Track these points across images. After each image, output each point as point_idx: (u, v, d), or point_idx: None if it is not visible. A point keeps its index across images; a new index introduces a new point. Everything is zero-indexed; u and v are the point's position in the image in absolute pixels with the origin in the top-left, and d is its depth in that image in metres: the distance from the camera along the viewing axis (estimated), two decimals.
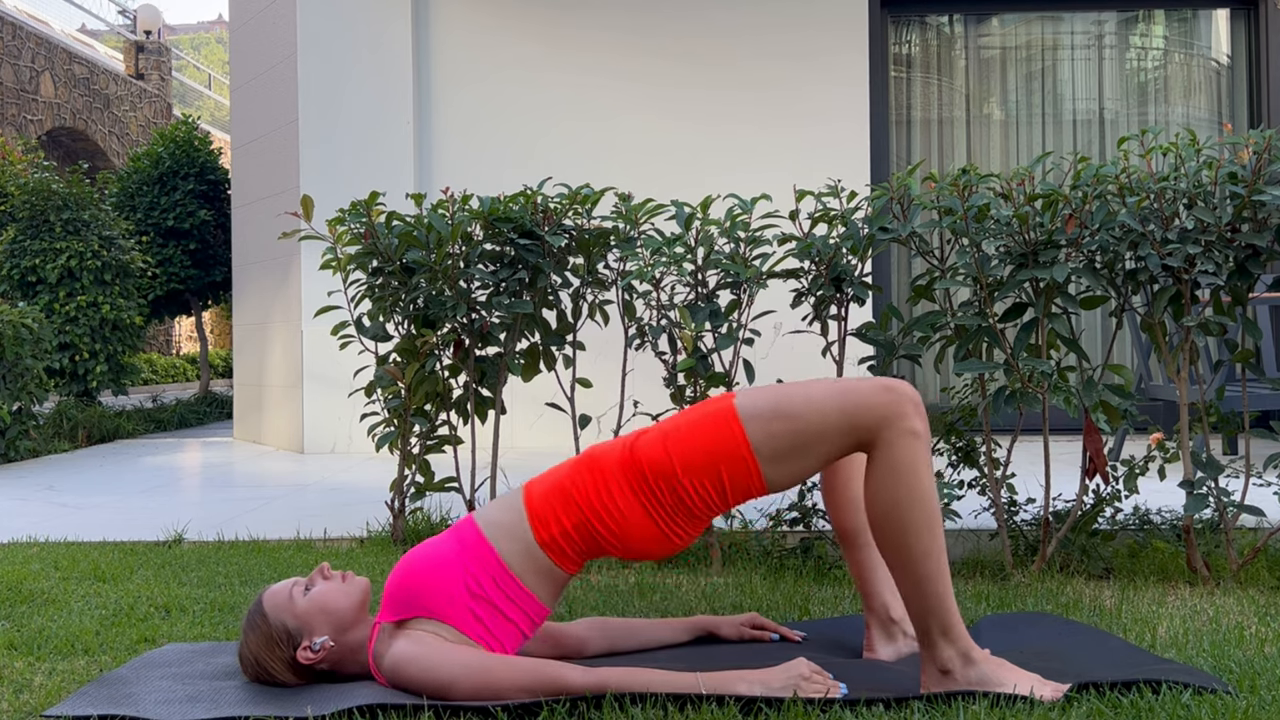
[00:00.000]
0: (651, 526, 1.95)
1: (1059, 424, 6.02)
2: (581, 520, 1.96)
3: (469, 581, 1.95)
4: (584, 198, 3.25)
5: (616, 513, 1.95)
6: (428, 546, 2.01)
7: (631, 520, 1.95)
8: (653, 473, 1.94)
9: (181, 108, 19.89)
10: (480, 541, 1.98)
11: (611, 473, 1.97)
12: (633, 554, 1.98)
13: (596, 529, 1.96)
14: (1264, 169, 2.72)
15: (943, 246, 3.06)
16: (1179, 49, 6.77)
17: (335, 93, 6.41)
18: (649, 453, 1.95)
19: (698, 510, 1.95)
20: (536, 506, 1.99)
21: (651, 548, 1.97)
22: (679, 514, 1.95)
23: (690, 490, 1.93)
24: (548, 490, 2.00)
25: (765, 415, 1.91)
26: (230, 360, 15.79)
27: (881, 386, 1.91)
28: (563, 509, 1.97)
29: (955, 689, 1.87)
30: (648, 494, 1.94)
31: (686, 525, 1.96)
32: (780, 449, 1.90)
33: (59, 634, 2.41)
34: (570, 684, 1.86)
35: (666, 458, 1.93)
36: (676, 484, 1.93)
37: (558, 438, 6.09)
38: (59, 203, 7.93)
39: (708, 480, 1.92)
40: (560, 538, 1.97)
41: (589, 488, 1.97)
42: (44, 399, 6.27)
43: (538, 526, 1.97)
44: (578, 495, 1.97)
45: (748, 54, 6.41)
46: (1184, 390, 2.94)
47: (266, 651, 1.99)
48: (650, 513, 1.94)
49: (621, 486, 1.95)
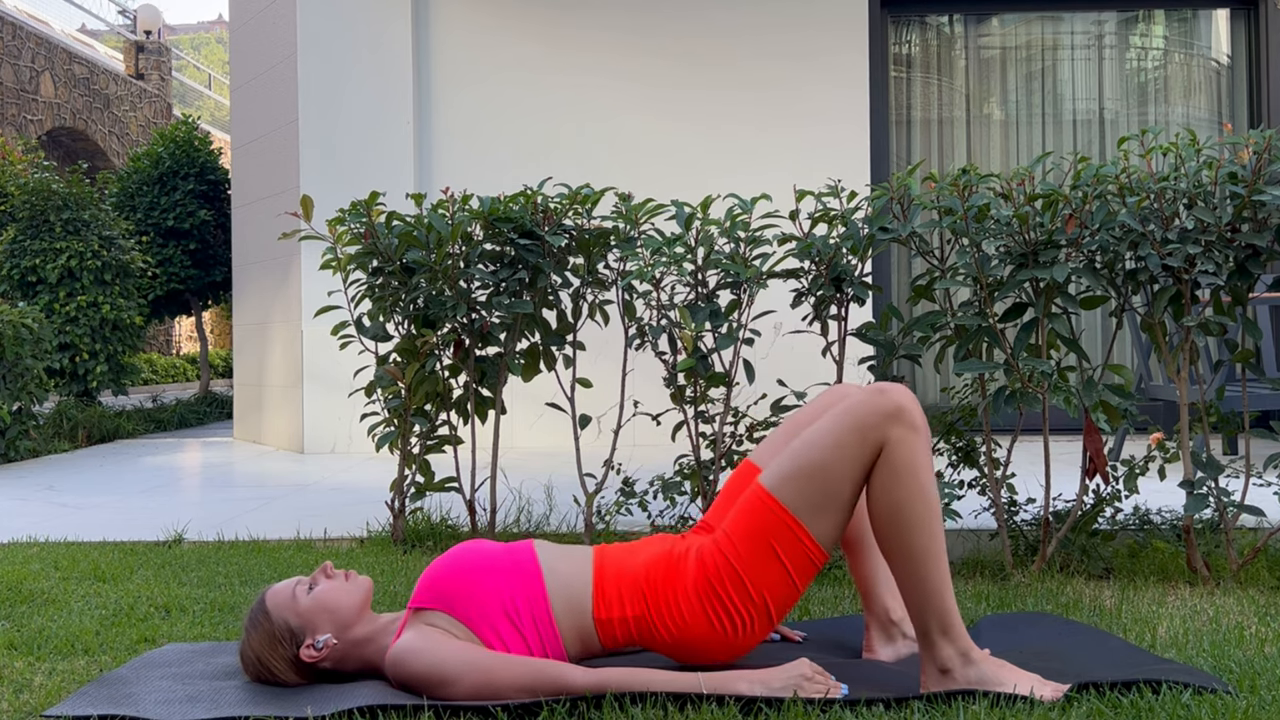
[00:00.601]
0: (710, 633, 1.96)
1: (1059, 424, 6.02)
2: (644, 615, 1.98)
3: (507, 603, 1.97)
4: (584, 198, 3.25)
5: (679, 617, 1.97)
6: (480, 550, 2.03)
7: (692, 625, 1.96)
8: (716, 577, 1.96)
9: (181, 108, 19.89)
10: (535, 577, 2.00)
11: (687, 579, 1.98)
12: (684, 656, 2.00)
13: (657, 628, 1.98)
14: (1264, 169, 2.72)
15: (943, 246, 3.06)
16: (1179, 49, 6.77)
17: (335, 93, 6.41)
18: (711, 559, 1.97)
19: (773, 604, 1.96)
20: (605, 586, 2.00)
21: (708, 651, 1.98)
22: (748, 615, 1.96)
23: (753, 586, 1.94)
24: (619, 574, 2.01)
25: (788, 475, 1.95)
26: (230, 360, 15.79)
27: (873, 391, 1.94)
28: (630, 599, 1.99)
29: (955, 689, 1.87)
30: (714, 600, 1.95)
31: (757, 627, 1.97)
32: (815, 499, 1.93)
33: (59, 634, 2.41)
34: (571, 683, 1.86)
35: (725, 559, 1.96)
36: (741, 583, 1.95)
37: (558, 438, 6.09)
38: (59, 203, 7.93)
39: (767, 566, 1.94)
40: (618, 623, 1.99)
41: (661, 588, 1.98)
42: (44, 399, 6.27)
43: (600, 603, 1.99)
44: (649, 592, 1.99)
45: (748, 54, 6.41)
46: (1184, 390, 2.94)
47: (269, 650, 1.99)
48: (712, 621, 1.96)
49: (689, 595, 1.97)
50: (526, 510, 3.78)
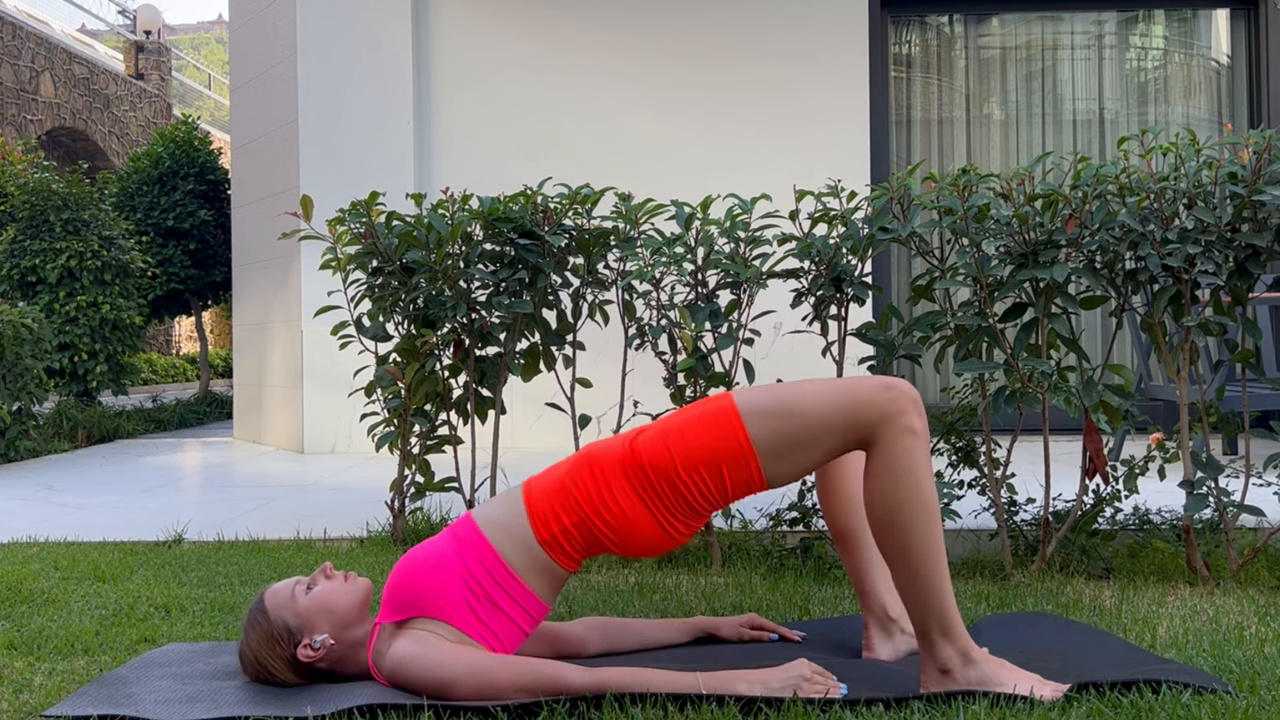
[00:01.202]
0: (651, 523, 1.95)
1: (1059, 424, 6.01)
2: (581, 518, 1.97)
3: (468, 580, 1.95)
4: (584, 198, 3.25)
5: (616, 510, 1.95)
6: (426, 547, 2.01)
7: (631, 517, 1.95)
8: (653, 469, 1.94)
9: (181, 108, 19.89)
10: (479, 540, 1.98)
11: (612, 470, 1.97)
12: (632, 551, 1.98)
13: (596, 526, 1.96)
14: (1264, 169, 2.72)
15: (943, 246, 3.06)
16: (1179, 49, 6.77)
17: (335, 93, 6.41)
18: (649, 450, 1.95)
19: (698, 506, 1.95)
20: (536, 505, 1.99)
21: (651, 544, 1.97)
22: (679, 510, 1.95)
23: (691, 486, 1.93)
24: (547, 489, 2.00)
25: (766, 412, 1.92)
26: (230, 360, 15.79)
27: (881, 385, 1.91)
28: (562, 507, 1.98)
29: (955, 689, 1.87)
30: (648, 491, 1.94)
31: (686, 521, 1.97)
32: (780, 446, 1.91)
33: (59, 634, 2.41)
34: (570, 684, 1.86)
35: (667, 454, 1.94)
36: (677, 480, 1.93)
37: (558, 438, 6.09)
38: (59, 203, 7.93)
39: (709, 476, 1.93)
40: (560, 536, 1.97)
41: (589, 486, 1.97)
42: (44, 399, 6.27)
43: (538, 525, 1.98)
44: (578, 493, 1.97)
45: (748, 54, 6.41)
46: (1184, 390, 2.93)
47: (267, 650, 1.99)
48: (650, 509, 1.95)
49: (621, 484, 1.96)
50: None
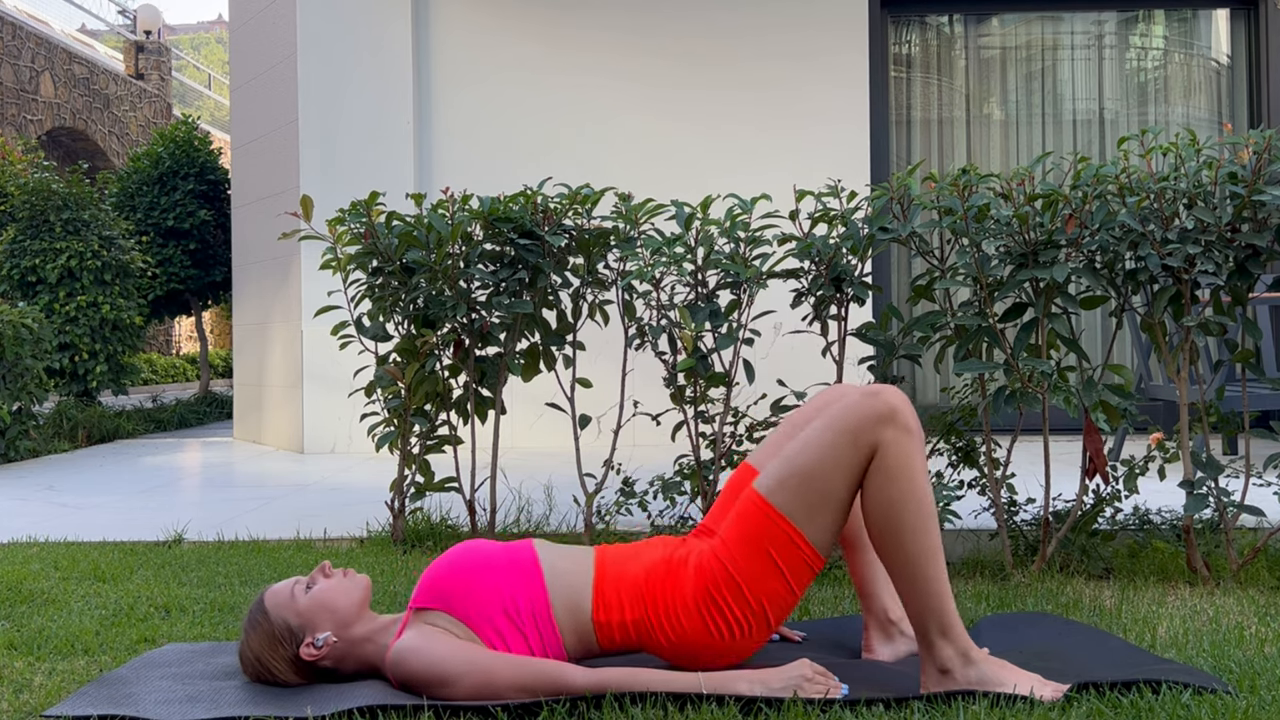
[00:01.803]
0: (709, 639, 1.96)
1: (1059, 424, 6.02)
2: (643, 620, 1.98)
3: (507, 602, 1.96)
4: (584, 198, 3.25)
5: (678, 623, 1.96)
6: (480, 550, 2.02)
7: (689, 631, 1.96)
8: (714, 584, 1.95)
9: (181, 108, 19.89)
10: (535, 576, 1.99)
11: (686, 586, 1.97)
12: (682, 660, 1.99)
13: (656, 633, 1.97)
14: (1264, 169, 2.72)
15: (943, 246, 3.06)
16: (1179, 49, 6.77)
17: (335, 93, 6.41)
18: (709, 566, 1.97)
19: (771, 610, 1.95)
20: (605, 588, 2.00)
21: (707, 656, 1.98)
22: (746, 622, 1.95)
23: (750, 593, 1.94)
24: (619, 578, 2.01)
25: (783, 480, 1.95)
26: (230, 360, 15.79)
27: (865, 394, 1.94)
28: (630, 603, 1.99)
29: (955, 689, 1.87)
30: (712, 608, 1.95)
31: (754, 633, 1.97)
32: (809, 503, 1.93)
33: (59, 634, 2.41)
34: (571, 684, 1.86)
35: (722, 566, 1.96)
36: (739, 590, 1.94)
37: (558, 438, 6.09)
38: (59, 203, 7.93)
39: (764, 572, 1.94)
40: (617, 625, 1.98)
41: (660, 594, 1.98)
42: (44, 399, 6.27)
43: (599, 606, 1.99)
44: (648, 597, 1.98)
45: (748, 54, 6.41)
46: (1184, 390, 2.93)
47: (269, 650, 1.99)
48: (710, 628, 1.95)
49: (688, 603, 1.96)
50: (526, 510, 3.78)
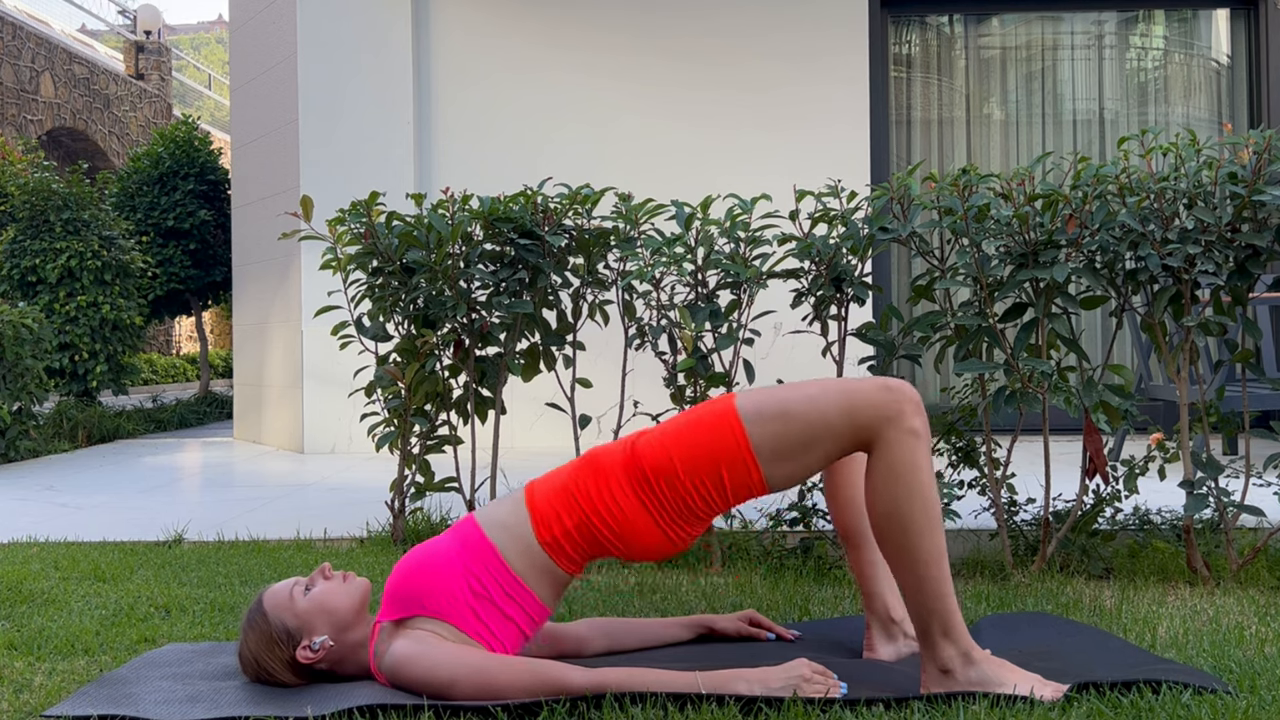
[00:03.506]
0: (652, 527, 1.95)
1: (1059, 424, 6.02)
2: (583, 520, 1.97)
3: (470, 580, 1.95)
4: (584, 198, 3.25)
5: (618, 512, 1.95)
6: (428, 546, 2.01)
7: (633, 520, 1.95)
8: (654, 473, 1.94)
9: (181, 108, 19.89)
10: (482, 541, 1.98)
11: (614, 473, 1.97)
12: (634, 554, 1.98)
13: (598, 529, 1.96)
14: (1264, 169, 2.72)
15: (943, 246, 3.06)
16: (1179, 49, 6.77)
17: (335, 93, 6.41)
18: (650, 453, 1.95)
19: (699, 510, 1.95)
20: (539, 507, 1.99)
21: (652, 548, 1.97)
22: (680, 515, 1.95)
23: (691, 490, 1.93)
24: (550, 491, 2.00)
25: (766, 415, 1.92)
26: (230, 360, 15.79)
27: (881, 386, 1.91)
28: (565, 509, 1.97)
29: (955, 689, 1.87)
30: (649, 494, 1.94)
31: (687, 525, 1.97)
32: (780, 449, 1.91)
33: (59, 634, 2.41)
34: (570, 684, 1.86)
35: (667, 458, 1.94)
36: (677, 483, 1.93)
37: (558, 438, 6.09)
38: (59, 203, 7.93)
39: (708, 480, 1.92)
40: (562, 538, 1.97)
41: (591, 488, 1.97)
42: (44, 399, 6.27)
43: (540, 527, 1.97)
44: (579, 495, 1.97)
45: (748, 54, 6.41)
46: (1184, 390, 2.93)
47: (266, 651, 1.99)
48: (651, 513, 1.94)
49: (623, 486, 1.95)
50: None
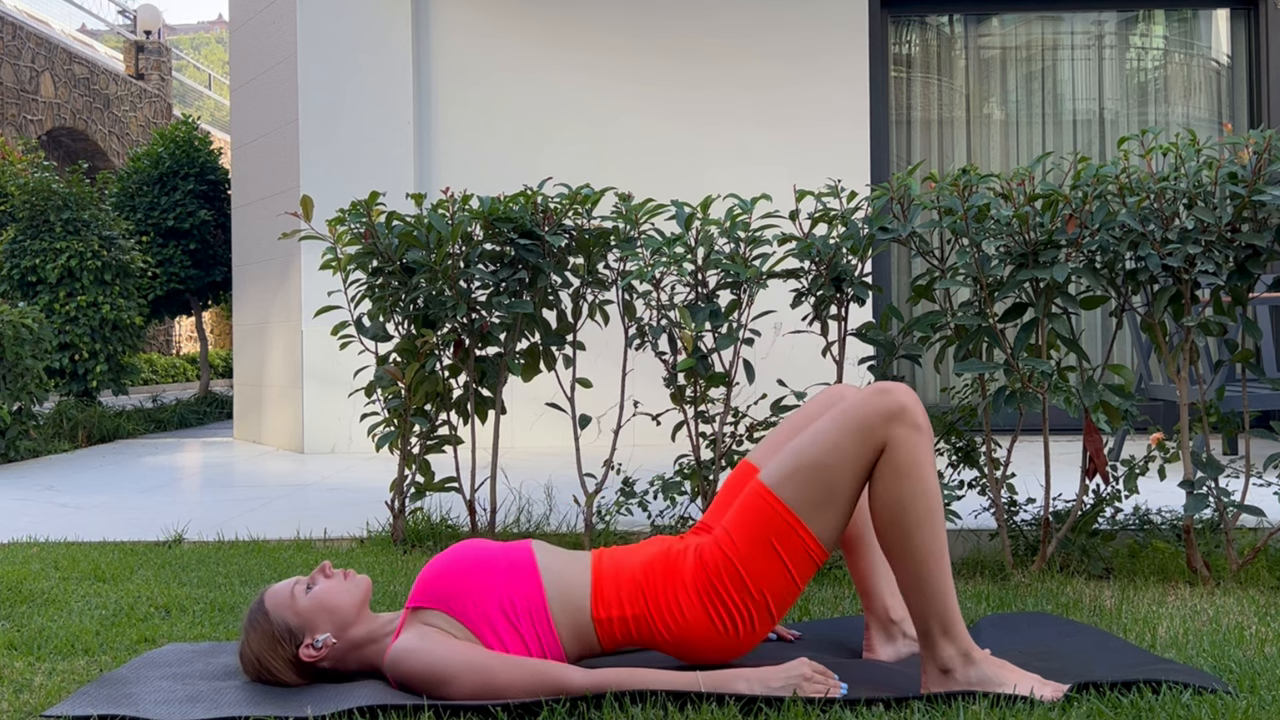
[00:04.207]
0: (711, 631, 1.96)
1: (1059, 424, 6.02)
2: (644, 614, 1.97)
3: (504, 602, 1.96)
4: (584, 198, 3.25)
5: (679, 615, 1.96)
6: (478, 550, 2.02)
7: (692, 623, 1.96)
8: (717, 575, 1.95)
9: (181, 108, 19.89)
10: (533, 576, 1.99)
11: (686, 576, 1.97)
12: (685, 654, 1.99)
13: (656, 626, 1.97)
14: (1264, 169, 2.72)
15: (943, 246, 3.06)
16: (1179, 49, 6.77)
17: (335, 93, 6.41)
18: (711, 557, 1.96)
19: (773, 601, 1.95)
20: (603, 585, 2.00)
21: (709, 649, 1.98)
22: (748, 612, 1.95)
23: (753, 583, 1.94)
24: (618, 574, 2.01)
25: (789, 473, 1.94)
26: (230, 360, 15.78)
27: (876, 390, 1.93)
28: (629, 598, 1.98)
29: (955, 689, 1.87)
30: (714, 598, 1.95)
31: (757, 625, 1.96)
32: (815, 496, 1.93)
33: (59, 634, 2.41)
34: (570, 684, 1.86)
35: (725, 557, 1.95)
36: (741, 581, 1.94)
37: (558, 438, 6.09)
38: (59, 203, 7.93)
39: (767, 563, 1.93)
40: (617, 622, 1.98)
41: (659, 586, 1.98)
42: (44, 399, 6.27)
43: (598, 603, 1.98)
44: (648, 590, 1.98)
45: (748, 54, 6.41)
46: (1184, 390, 2.93)
47: (268, 650, 1.99)
48: (712, 618, 1.95)
49: (689, 593, 1.96)
50: (526, 510, 3.78)
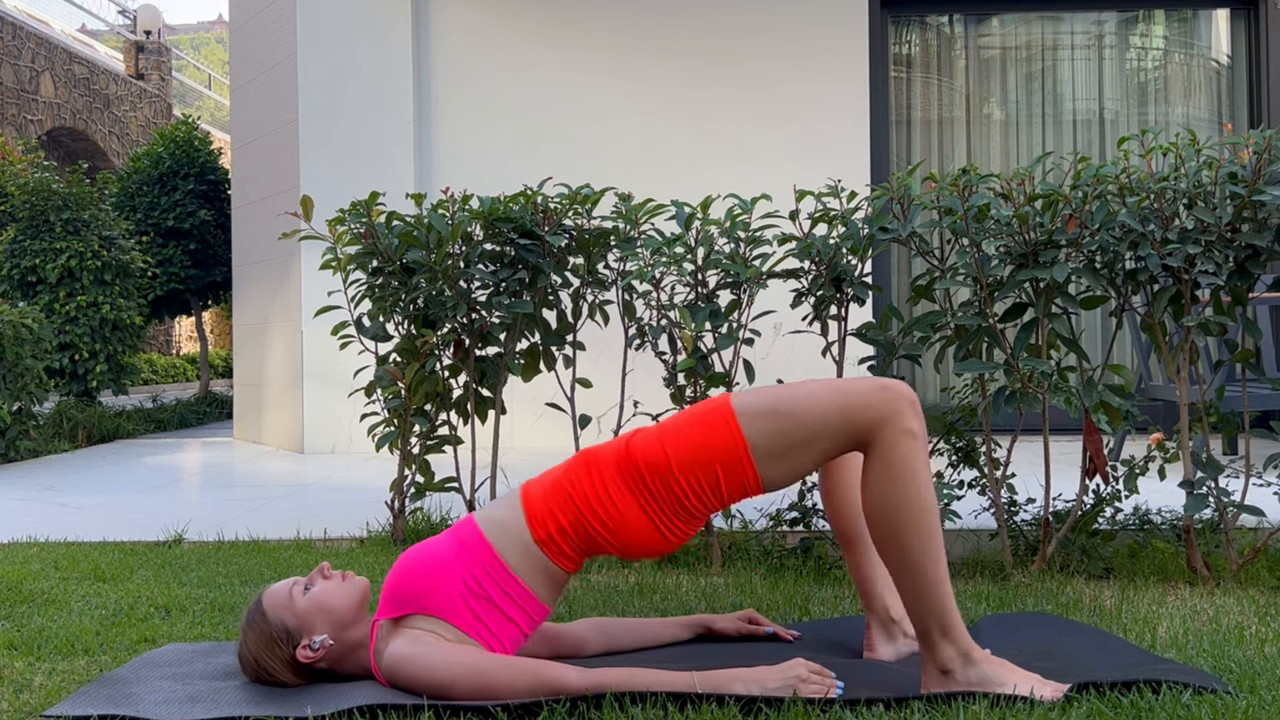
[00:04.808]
0: (647, 524, 1.95)
1: (1059, 424, 6.01)
2: (578, 518, 1.96)
3: (468, 580, 1.95)
4: (584, 198, 3.25)
5: (613, 510, 1.95)
6: (426, 545, 2.01)
7: (628, 517, 1.95)
8: (649, 470, 1.94)
9: (181, 108, 19.89)
10: (479, 540, 1.98)
11: (608, 470, 1.97)
12: (629, 552, 1.98)
13: (593, 526, 1.96)
14: (1264, 169, 2.72)
15: (943, 246, 3.06)
16: (1179, 49, 6.77)
17: (335, 93, 6.41)
18: (645, 450, 1.95)
19: (694, 508, 1.95)
20: (534, 505, 1.99)
21: (647, 545, 1.97)
22: (675, 512, 1.95)
23: (686, 488, 1.93)
24: (545, 489, 2.01)
25: (762, 414, 1.91)
26: (230, 360, 15.78)
27: (878, 386, 1.91)
28: (559, 507, 1.97)
29: (955, 689, 1.87)
30: (643, 491, 1.94)
31: (682, 523, 1.96)
32: (776, 447, 1.91)
33: (59, 634, 2.41)
34: (568, 685, 1.86)
35: (663, 455, 1.93)
36: (672, 481, 1.93)
37: (558, 438, 6.09)
38: (59, 203, 7.93)
39: (704, 478, 1.92)
40: (557, 535, 1.97)
41: (585, 485, 1.97)
42: (44, 399, 6.27)
43: (535, 525, 1.97)
44: (574, 493, 1.97)
45: (748, 54, 6.41)
46: (1184, 390, 2.93)
47: (266, 651, 1.99)
48: (646, 510, 1.94)
49: (618, 484, 1.95)
50: None
